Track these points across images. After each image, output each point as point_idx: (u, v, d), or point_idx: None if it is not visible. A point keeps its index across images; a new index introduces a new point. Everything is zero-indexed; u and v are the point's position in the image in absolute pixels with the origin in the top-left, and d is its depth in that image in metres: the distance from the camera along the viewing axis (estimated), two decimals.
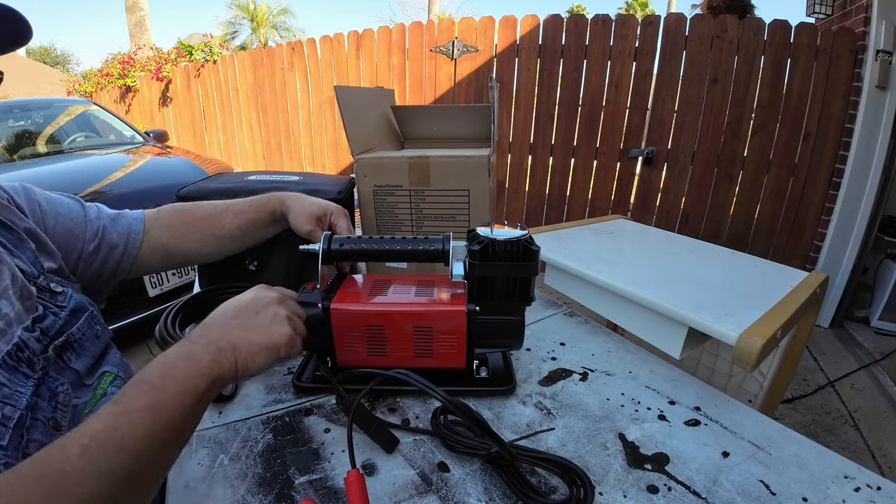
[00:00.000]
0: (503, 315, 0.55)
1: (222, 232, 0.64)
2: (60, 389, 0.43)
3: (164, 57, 4.74)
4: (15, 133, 2.80)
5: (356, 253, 0.56)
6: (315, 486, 0.44)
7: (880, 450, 1.55)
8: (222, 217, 0.64)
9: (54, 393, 0.43)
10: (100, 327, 0.52)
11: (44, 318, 0.45)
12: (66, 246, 0.55)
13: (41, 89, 13.55)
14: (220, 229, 0.64)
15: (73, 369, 0.46)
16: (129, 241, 0.60)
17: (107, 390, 0.49)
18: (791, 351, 0.79)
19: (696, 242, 0.93)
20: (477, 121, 1.03)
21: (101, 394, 0.48)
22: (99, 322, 0.53)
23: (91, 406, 0.46)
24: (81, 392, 0.46)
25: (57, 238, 0.53)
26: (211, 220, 0.64)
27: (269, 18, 20.15)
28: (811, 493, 0.43)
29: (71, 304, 0.49)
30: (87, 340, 0.49)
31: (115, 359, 0.53)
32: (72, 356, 0.47)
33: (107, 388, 0.49)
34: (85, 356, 0.48)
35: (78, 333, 0.48)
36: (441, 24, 2.87)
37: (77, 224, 0.56)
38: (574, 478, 0.43)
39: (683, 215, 2.64)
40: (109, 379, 0.50)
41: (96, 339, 0.51)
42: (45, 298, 0.46)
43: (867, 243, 2.29)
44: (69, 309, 0.48)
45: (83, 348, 0.48)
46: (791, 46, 2.28)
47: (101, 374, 0.50)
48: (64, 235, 0.54)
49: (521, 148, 2.84)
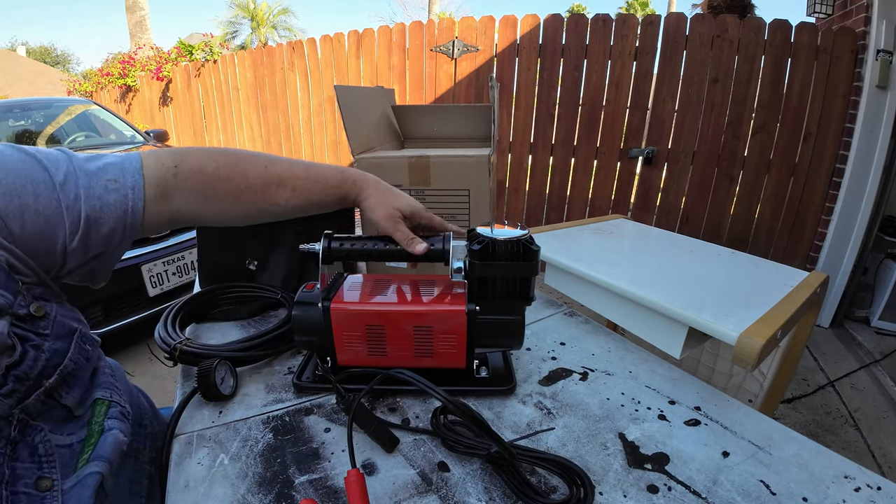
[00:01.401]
0: (503, 315, 0.55)
1: (275, 209, 0.53)
2: (38, 440, 0.36)
3: (165, 56, 4.74)
4: (15, 133, 2.80)
5: (356, 253, 0.56)
6: (315, 486, 0.44)
7: (880, 450, 1.54)
8: (277, 193, 0.52)
9: (33, 448, 0.36)
10: (90, 346, 0.44)
11: (21, 362, 0.35)
12: (41, 250, 0.40)
13: (41, 89, 13.56)
14: (272, 205, 0.53)
15: (63, 406, 0.39)
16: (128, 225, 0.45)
17: (104, 425, 0.42)
18: (791, 351, 0.79)
19: (696, 242, 0.93)
20: (477, 120, 1.03)
21: (99, 430, 0.42)
22: (88, 339, 0.44)
23: (92, 449, 0.40)
24: (73, 426, 0.40)
25: (27, 245, 0.38)
26: (261, 195, 0.52)
27: (270, 18, 20.16)
28: (811, 493, 0.43)
29: (57, 328, 0.39)
30: (79, 369, 0.41)
31: (105, 377, 0.45)
32: (63, 391, 0.39)
33: (102, 422, 0.42)
34: (76, 387, 0.41)
35: (71, 365, 0.40)
36: (441, 24, 2.87)
37: (50, 217, 0.39)
38: (574, 478, 0.43)
39: (684, 215, 2.64)
40: (104, 408, 0.43)
41: (87, 363, 0.43)
42: (23, 327, 0.36)
43: (867, 243, 2.29)
44: (54, 335, 0.39)
45: (76, 379, 0.41)
46: (791, 46, 2.28)
47: (93, 403, 0.43)
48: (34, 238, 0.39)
49: (521, 148, 2.84)
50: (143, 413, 0.53)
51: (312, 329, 0.55)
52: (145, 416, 0.53)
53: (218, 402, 0.56)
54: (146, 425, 0.52)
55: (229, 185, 0.50)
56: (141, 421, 0.51)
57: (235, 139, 4.21)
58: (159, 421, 0.58)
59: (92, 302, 1.76)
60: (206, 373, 0.54)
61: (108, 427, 0.43)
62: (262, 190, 0.51)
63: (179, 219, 0.49)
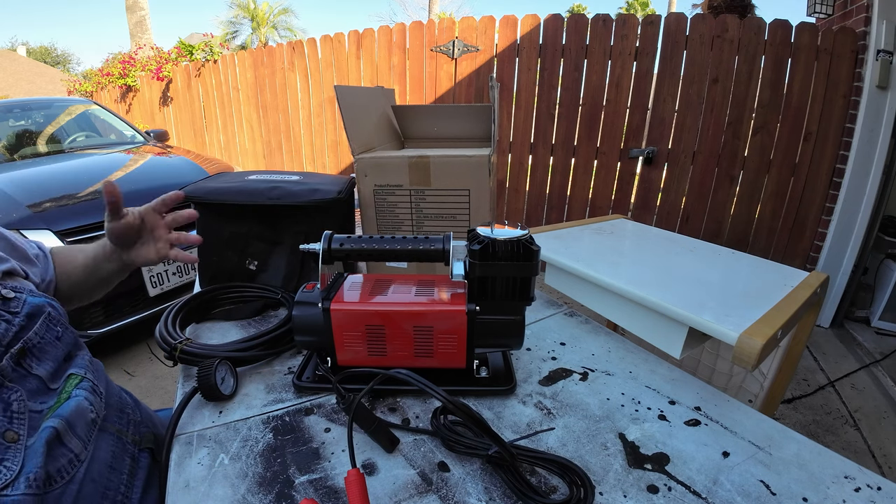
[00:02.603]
0: (503, 315, 0.55)
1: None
2: (14, 398, 0.43)
3: (165, 56, 4.74)
4: (15, 133, 2.80)
5: (356, 253, 0.56)
6: (315, 486, 0.44)
7: (881, 450, 1.54)
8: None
9: (7, 403, 0.42)
10: (60, 328, 0.51)
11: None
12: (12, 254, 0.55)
13: (42, 89, 13.56)
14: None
15: (35, 376, 0.46)
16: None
17: (71, 393, 0.48)
18: (791, 351, 0.79)
19: (696, 242, 0.93)
20: (477, 120, 1.03)
21: (66, 397, 0.47)
22: (59, 324, 0.51)
23: (54, 410, 0.45)
24: (46, 397, 0.46)
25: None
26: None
27: (270, 18, 20.16)
28: (811, 493, 0.43)
29: (26, 308, 0.48)
30: (47, 344, 0.48)
31: (82, 361, 0.52)
32: (32, 362, 0.46)
33: (71, 391, 0.48)
34: (47, 361, 0.48)
35: (35, 338, 0.47)
36: (441, 24, 2.87)
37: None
38: (574, 478, 0.43)
39: (684, 215, 2.64)
40: (76, 381, 0.49)
41: (57, 342, 0.50)
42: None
43: (868, 243, 2.29)
44: (24, 314, 0.47)
45: (44, 353, 0.48)
46: (792, 46, 2.27)
47: (66, 377, 0.49)
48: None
49: (521, 147, 2.84)
50: (125, 404, 0.56)
51: (312, 329, 0.55)
52: (127, 406, 0.56)
53: (218, 402, 0.56)
54: (128, 413, 0.56)
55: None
56: (123, 409, 0.55)
57: (235, 139, 4.22)
58: (142, 411, 0.60)
59: (92, 302, 1.76)
60: (206, 373, 0.54)
61: (74, 395, 0.48)
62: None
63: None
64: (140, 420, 0.57)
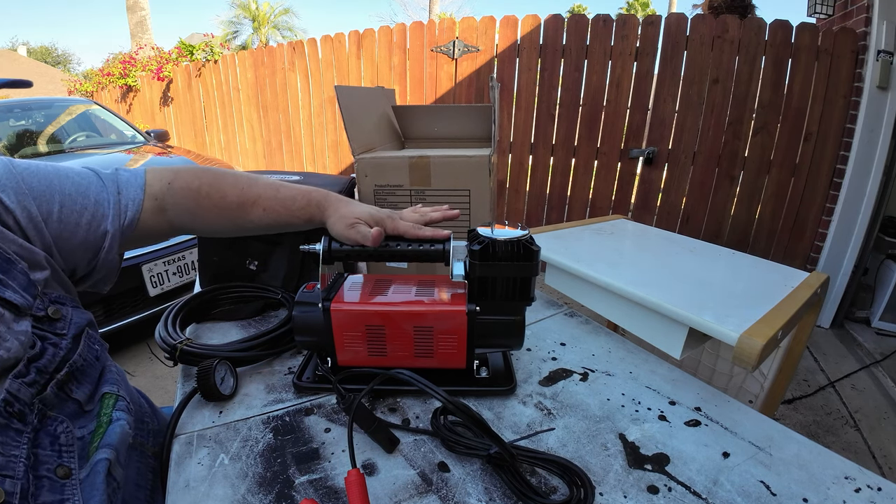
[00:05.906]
0: (503, 315, 0.54)
1: (249, 225, 0.59)
2: (60, 430, 0.39)
3: (165, 56, 4.74)
4: (16, 132, 2.80)
5: (356, 253, 0.56)
6: (315, 486, 0.44)
7: (881, 450, 1.54)
8: (250, 211, 0.57)
9: (55, 437, 0.38)
10: (98, 346, 0.48)
11: (41, 356, 0.39)
12: (66, 241, 0.46)
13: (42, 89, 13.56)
14: (246, 222, 0.58)
15: (74, 400, 0.42)
16: (124, 227, 0.51)
17: (111, 416, 0.45)
18: (792, 351, 0.79)
19: (696, 242, 0.93)
20: (478, 121, 1.03)
21: (107, 420, 0.44)
22: (97, 340, 0.48)
23: (100, 437, 0.42)
24: (84, 420, 0.42)
25: (57, 236, 0.45)
26: (237, 212, 0.57)
27: (271, 18, 20.16)
28: (812, 493, 0.43)
29: (72, 330, 0.43)
30: (88, 366, 0.45)
31: (111, 374, 0.48)
32: (73, 386, 0.42)
33: (111, 414, 0.45)
34: (86, 384, 0.44)
35: (80, 361, 0.43)
36: (442, 24, 2.87)
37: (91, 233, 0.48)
38: (574, 478, 0.43)
39: (684, 215, 2.64)
40: (111, 401, 0.46)
41: (96, 361, 0.46)
42: (42, 328, 0.40)
43: (868, 244, 2.29)
44: (70, 336, 0.43)
45: (84, 375, 0.44)
46: (792, 46, 2.27)
47: (101, 397, 0.45)
48: (66, 235, 0.46)
49: (521, 148, 2.84)
50: (144, 412, 0.54)
51: (312, 329, 0.55)
52: (145, 414, 0.54)
53: (218, 402, 0.56)
54: (147, 422, 0.53)
55: (210, 202, 0.56)
56: (142, 418, 0.53)
57: (236, 139, 4.22)
58: (159, 419, 0.58)
59: (92, 301, 1.76)
60: (206, 373, 0.54)
61: (115, 418, 0.45)
62: (237, 208, 0.57)
63: (175, 229, 0.57)
64: (157, 429, 0.55)
